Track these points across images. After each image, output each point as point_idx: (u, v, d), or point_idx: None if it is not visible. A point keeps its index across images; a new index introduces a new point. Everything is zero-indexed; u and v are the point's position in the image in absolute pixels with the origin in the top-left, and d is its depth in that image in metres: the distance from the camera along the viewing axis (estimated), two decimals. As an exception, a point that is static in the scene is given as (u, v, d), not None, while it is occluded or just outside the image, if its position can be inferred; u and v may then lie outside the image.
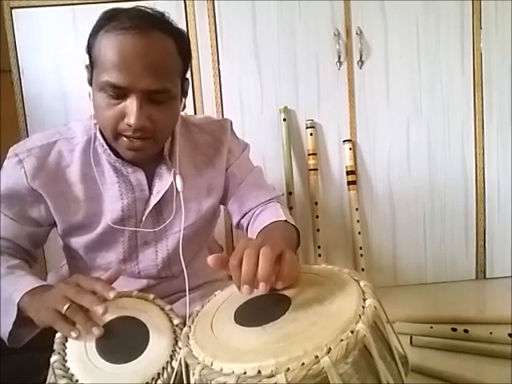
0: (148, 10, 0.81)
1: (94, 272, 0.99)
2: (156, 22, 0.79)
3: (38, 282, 0.81)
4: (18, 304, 0.76)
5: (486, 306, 1.57)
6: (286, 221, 0.94)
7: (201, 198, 0.99)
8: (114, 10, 0.80)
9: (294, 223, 0.96)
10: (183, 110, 0.91)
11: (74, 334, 0.68)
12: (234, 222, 1.06)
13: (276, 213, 0.97)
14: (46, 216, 0.92)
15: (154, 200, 0.92)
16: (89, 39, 0.82)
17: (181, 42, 0.82)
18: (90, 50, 0.82)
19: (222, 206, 1.11)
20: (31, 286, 0.78)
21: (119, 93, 0.78)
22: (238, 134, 1.08)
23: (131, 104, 0.78)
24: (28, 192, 0.89)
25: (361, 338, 0.53)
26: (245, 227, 1.03)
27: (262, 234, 0.90)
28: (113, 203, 0.92)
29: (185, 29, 1.52)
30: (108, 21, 0.78)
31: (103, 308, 0.66)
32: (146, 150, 0.84)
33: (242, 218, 1.03)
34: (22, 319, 0.77)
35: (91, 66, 0.83)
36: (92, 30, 0.81)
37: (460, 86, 1.60)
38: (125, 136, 0.81)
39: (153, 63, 0.77)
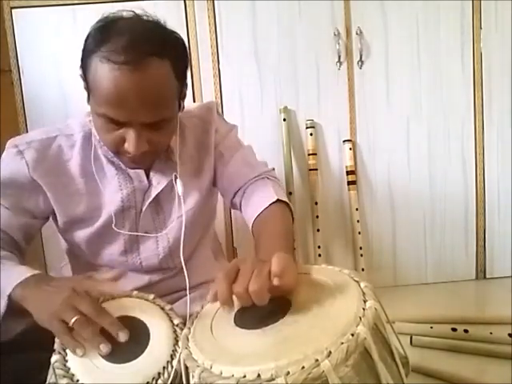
0: (142, 25, 0.79)
1: (96, 269, 1.00)
2: (151, 48, 0.76)
3: (30, 271, 0.78)
4: (10, 296, 0.74)
5: (486, 306, 1.57)
6: (278, 200, 0.93)
7: (195, 182, 0.99)
8: (106, 26, 0.78)
9: (285, 199, 0.95)
10: (181, 111, 0.91)
11: (79, 352, 0.66)
12: (227, 201, 1.06)
13: (267, 193, 0.95)
14: (42, 208, 0.93)
15: (155, 191, 0.94)
16: (82, 57, 0.80)
17: (177, 61, 0.81)
18: (84, 69, 0.80)
19: (221, 205, 1.11)
20: (22, 277, 0.75)
21: (117, 123, 0.79)
22: (237, 134, 1.08)
23: (130, 133, 0.79)
24: (28, 182, 0.90)
25: (361, 340, 0.53)
26: (238, 206, 1.03)
27: (255, 236, 0.90)
28: (112, 194, 0.93)
29: (185, 29, 1.52)
30: (102, 43, 0.76)
31: (125, 335, 0.67)
32: (147, 162, 0.89)
33: (234, 197, 1.03)
34: (13, 311, 0.75)
35: (87, 86, 0.81)
36: (85, 48, 0.79)
37: (460, 85, 1.60)
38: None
39: (150, 97, 0.77)
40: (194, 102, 1.57)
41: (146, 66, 0.75)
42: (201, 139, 1.01)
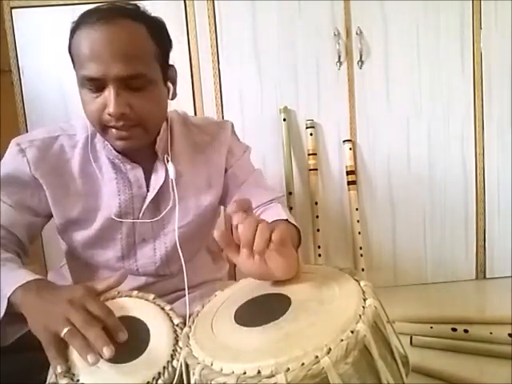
0: (121, 4, 0.83)
1: (94, 270, 1.00)
2: (125, 12, 0.81)
3: (32, 275, 0.77)
4: (9, 298, 0.73)
5: (486, 306, 1.57)
6: (287, 220, 0.94)
7: (199, 196, 0.99)
8: (90, 9, 0.82)
9: (294, 223, 0.96)
10: (173, 98, 0.91)
11: (58, 369, 0.64)
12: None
13: (277, 212, 0.97)
14: (44, 206, 0.93)
15: (150, 196, 0.93)
16: (68, 41, 0.83)
17: (154, 28, 0.84)
18: (70, 50, 0.84)
19: (221, 207, 1.11)
20: (24, 280, 0.75)
21: (97, 85, 0.80)
22: (237, 134, 1.08)
23: (109, 93, 0.79)
24: (30, 180, 0.90)
25: (361, 338, 0.53)
26: None
27: None
28: (110, 199, 0.92)
29: (185, 29, 1.52)
30: (82, 18, 0.81)
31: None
32: (134, 138, 0.84)
33: None
34: (12, 315, 0.74)
35: (73, 64, 0.84)
36: (70, 31, 0.83)
37: (460, 85, 1.60)
38: (112, 127, 0.82)
39: (122, 49, 0.78)
40: (194, 102, 1.57)
41: (118, 23, 0.79)
42: (210, 157, 1.01)
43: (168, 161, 0.91)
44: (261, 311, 0.62)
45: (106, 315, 0.67)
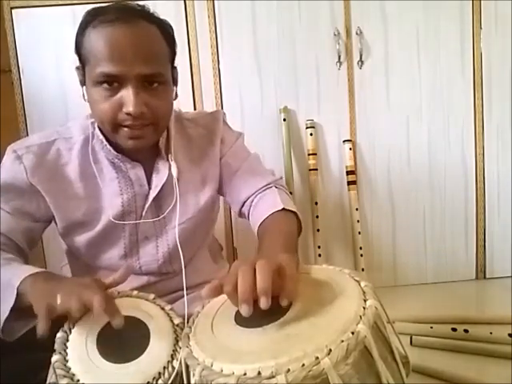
0: (132, 5, 0.84)
1: (95, 271, 1.00)
2: (139, 13, 0.82)
3: (38, 269, 0.78)
4: (17, 289, 0.74)
5: (486, 306, 1.57)
6: (284, 208, 0.93)
7: (198, 191, 0.99)
8: (97, 7, 0.83)
9: (292, 208, 0.95)
10: (175, 98, 0.92)
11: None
12: (235, 211, 1.06)
13: (273, 202, 0.95)
14: (43, 211, 0.93)
15: (152, 194, 0.93)
16: (76, 38, 0.84)
17: (165, 30, 0.85)
18: (78, 48, 0.84)
19: (221, 205, 1.11)
20: (31, 271, 0.76)
21: (114, 83, 0.80)
22: (244, 142, 1.08)
23: (127, 92, 0.80)
24: (27, 187, 0.90)
25: (361, 338, 0.53)
26: (246, 215, 1.03)
27: (259, 238, 0.90)
28: (112, 199, 0.93)
29: (185, 29, 1.53)
30: (94, 17, 0.81)
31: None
32: (146, 137, 0.85)
33: (242, 206, 1.03)
34: (18, 310, 0.75)
35: (82, 65, 0.85)
36: (79, 29, 0.83)
37: (460, 85, 1.60)
38: (125, 126, 0.83)
39: (143, 49, 0.79)
40: (194, 102, 1.57)
41: (136, 23, 0.80)
42: (206, 149, 1.01)
43: (172, 159, 0.92)
44: (261, 312, 0.62)
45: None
